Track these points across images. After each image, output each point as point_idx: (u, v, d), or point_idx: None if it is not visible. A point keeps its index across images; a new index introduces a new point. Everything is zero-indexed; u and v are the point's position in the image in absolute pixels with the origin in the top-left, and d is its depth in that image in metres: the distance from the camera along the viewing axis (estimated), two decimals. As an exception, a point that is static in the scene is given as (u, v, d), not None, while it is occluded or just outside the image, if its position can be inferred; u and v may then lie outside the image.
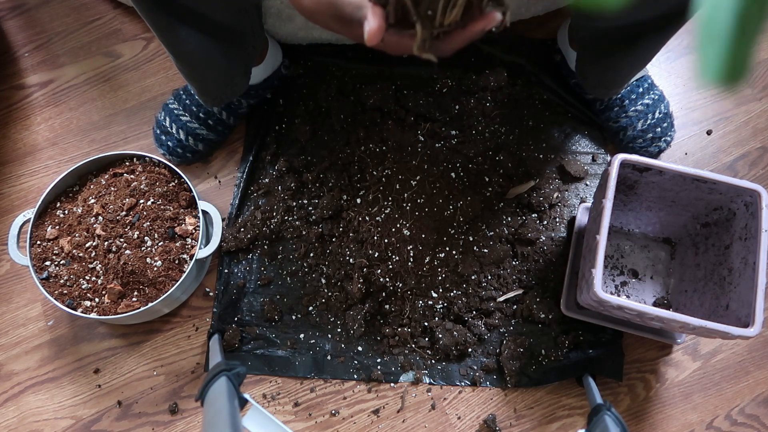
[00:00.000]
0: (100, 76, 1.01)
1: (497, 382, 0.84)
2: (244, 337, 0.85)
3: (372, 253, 0.84)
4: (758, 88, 1.01)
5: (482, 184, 0.91)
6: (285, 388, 0.84)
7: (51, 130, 0.98)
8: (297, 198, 0.91)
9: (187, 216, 0.84)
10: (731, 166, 0.96)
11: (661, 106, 0.92)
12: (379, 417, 0.83)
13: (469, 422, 0.83)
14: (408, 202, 0.86)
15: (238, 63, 0.83)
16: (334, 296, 0.86)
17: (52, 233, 0.82)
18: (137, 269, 0.79)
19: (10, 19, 1.05)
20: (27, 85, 1.00)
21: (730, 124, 0.98)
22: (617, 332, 0.84)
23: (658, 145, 0.92)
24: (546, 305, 0.85)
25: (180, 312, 0.87)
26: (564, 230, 0.91)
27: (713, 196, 0.76)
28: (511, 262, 0.88)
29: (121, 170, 0.86)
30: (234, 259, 0.89)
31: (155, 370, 0.85)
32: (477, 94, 0.96)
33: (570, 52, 0.92)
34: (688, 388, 0.85)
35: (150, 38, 1.03)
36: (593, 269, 0.67)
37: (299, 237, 0.89)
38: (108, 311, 0.79)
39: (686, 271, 0.83)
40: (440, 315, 0.85)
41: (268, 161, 0.94)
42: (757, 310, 0.65)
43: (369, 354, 0.85)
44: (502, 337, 0.85)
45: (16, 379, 0.85)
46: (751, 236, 0.70)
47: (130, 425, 0.82)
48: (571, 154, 0.95)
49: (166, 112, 0.92)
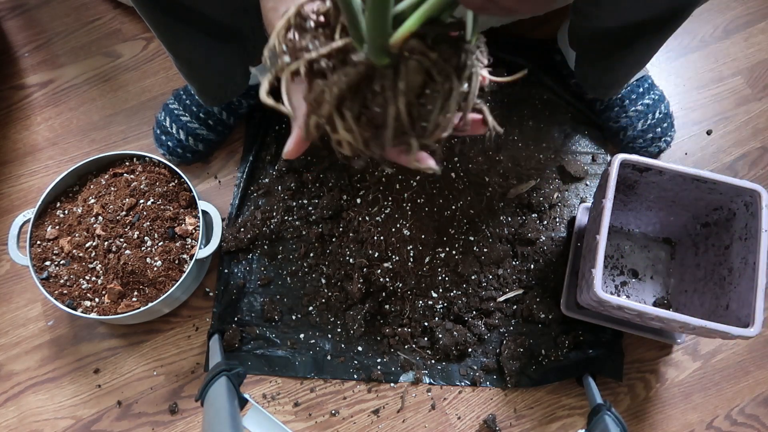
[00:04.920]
0: (100, 76, 1.01)
1: (497, 382, 0.84)
2: (244, 337, 0.85)
3: (372, 253, 0.84)
4: (758, 88, 1.01)
5: (482, 184, 0.91)
6: (285, 388, 0.84)
7: (51, 130, 0.98)
8: (297, 198, 0.91)
9: (187, 216, 0.84)
10: (731, 166, 0.96)
11: (661, 106, 0.92)
12: (379, 417, 0.83)
13: (469, 422, 0.83)
14: (408, 202, 0.86)
15: (238, 63, 0.83)
16: (334, 296, 0.86)
17: (52, 233, 0.82)
18: (137, 269, 0.79)
19: (10, 19, 1.05)
20: (27, 85, 1.00)
21: (730, 124, 0.98)
22: (617, 332, 0.84)
23: (658, 145, 0.92)
24: (546, 305, 0.85)
25: (180, 312, 0.87)
26: (564, 230, 0.91)
27: (713, 196, 0.76)
28: (511, 262, 0.88)
29: (121, 170, 0.86)
30: (234, 259, 0.89)
31: (155, 370, 0.85)
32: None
33: (570, 52, 0.92)
34: (688, 388, 0.85)
35: (150, 38, 1.03)
36: (593, 269, 0.67)
37: (299, 237, 0.89)
38: (108, 311, 0.79)
39: (686, 271, 0.83)
40: (440, 315, 0.85)
41: (268, 161, 0.94)
42: (757, 310, 0.65)
43: (369, 354, 0.85)
44: (502, 337, 0.85)
45: (16, 379, 0.85)
46: (751, 236, 0.70)
47: (130, 425, 0.82)
48: (571, 154, 0.95)
49: (166, 112, 0.92)
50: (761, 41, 1.04)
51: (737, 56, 1.03)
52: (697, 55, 1.03)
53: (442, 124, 0.39)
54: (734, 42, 1.04)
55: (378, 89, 0.37)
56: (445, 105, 0.38)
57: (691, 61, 1.02)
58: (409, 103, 0.37)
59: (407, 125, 0.38)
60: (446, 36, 0.39)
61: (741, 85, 1.01)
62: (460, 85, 0.38)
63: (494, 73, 0.46)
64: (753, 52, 1.03)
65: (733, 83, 1.01)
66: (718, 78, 1.01)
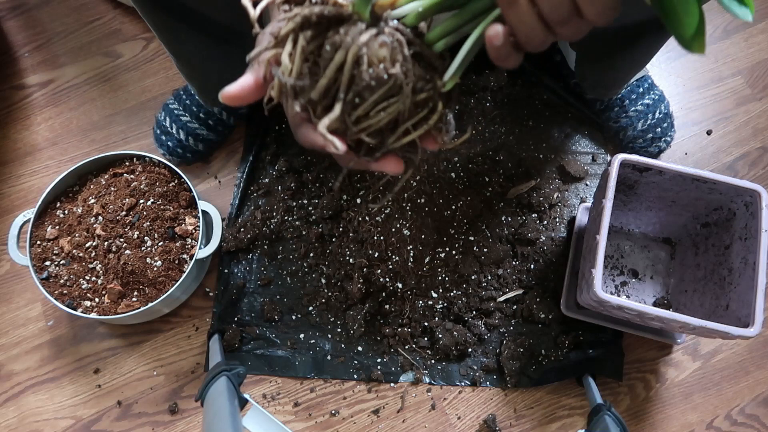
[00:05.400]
0: (100, 76, 1.01)
1: (497, 382, 0.84)
2: (244, 337, 0.85)
3: (372, 253, 0.84)
4: (758, 88, 1.01)
5: (482, 184, 0.91)
6: (285, 388, 0.84)
7: (51, 130, 0.98)
8: (297, 198, 0.91)
9: (187, 216, 0.84)
10: (731, 166, 0.96)
11: (661, 106, 0.92)
12: (379, 417, 0.83)
13: (469, 422, 0.83)
14: (408, 202, 0.86)
15: (238, 63, 0.83)
16: (334, 296, 0.86)
17: (52, 233, 0.82)
18: (137, 269, 0.79)
19: (10, 19, 1.05)
20: (27, 85, 1.00)
21: (730, 124, 0.98)
22: (617, 332, 0.84)
23: (658, 145, 0.92)
24: (546, 305, 0.85)
25: (180, 312, 0.87)
26: (564, 230, 0.91)
27: (713, 196, 0.76)
28: (511, 262, 0.88)
29: (121, 170, 0.86)
30: (234, 259, 0.89)
31: (155, 370, 0.85)
32: (477, 94, 0.96)
33: (570, 52, 0.93)
34: (688, 388, 0.85)
35: (150, 38, 1.03)
36: (593, 269, 0.67)
37: (299, 237, 0.89)
38: (108, 311, 0.79)
39: (686, 271, 0.83)
40: (440, 315, 0.85)
41: (268, 161, 0.94)
42: (757, 310, 0.65)
43: (369, 354, 0.85)
44: (502, 337, 0.85)
45: (16, 379, 0.85)
46: (751, 236, 0.70)
47: (130, 425, 0.82)
48: (571, 154, 0.95)
49: (166, 112, 0.92)
50: (761, 41, 1.04)
51: (737, 56, 1.03)
52: (697, 55, 1.03)
53: (372, 119, 0.37)
54: (734, 42, 1.04)
55: (341, 34, 0.35)
56: (385, 101, 0.36)
57: (691, 61, 1.02)
58: (357, 62, 0.35)
59: (343, 84, 0.36)
60: (432, 57, 0.38)
61: (741, 85, 1.01)
62: (410, 97, 0.37)
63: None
64: (753, 52, 1.03)
65: (733, 83, 1.01)
66: (718, 78, 1.01)
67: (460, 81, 0.39)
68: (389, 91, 0.36)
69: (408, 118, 0.38)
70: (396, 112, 0.37)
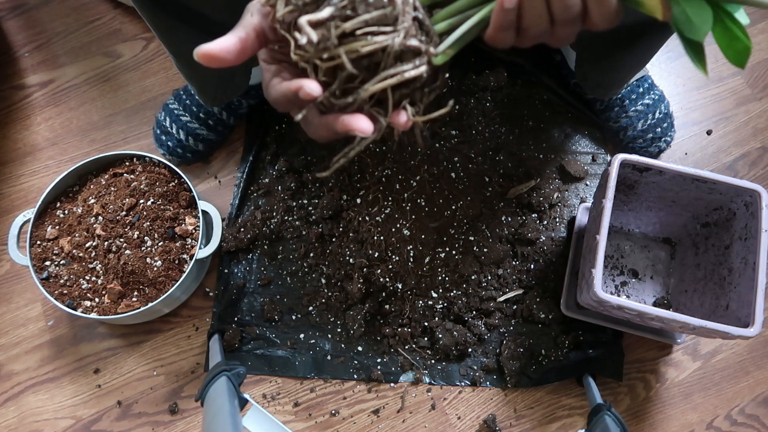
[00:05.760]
0: (100, 76, 1.01)
1: (497, 382, 0.84)
2: (244, 337, 0.85)
3: (372, 253, 0.84)
4: (758, 88, 1.01)
5: (482, 184, 0.91)
6: (285, 388, 0.84)
7: (51, 130, 0.98)
8: (297, 198, 0.91)
9: (187, 216, 0.84)
10: (731, 166, 0.96)
11: (661, 106, 0.92)
12: (379, 417, 0.83)
13: (469, 422, 0.83)
14: (408, 202, 0.86)
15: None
16: (334, 296, 0.86)
17: (52, 233, 0.82)
18: (137, 269, 0.79)
19: (10, 19, 1.05)
20: (27, 85, 1.00)
21: (730, 124, 0.98)
22: (617, 332, 0.84)
23: (658, 145, 0.92)
24: (546, 305, 0.85)
25: (180, 312, 0.87)
26: (564, 230, 0.91)
27: (713, 196, 0.76)
28: (511, 262, 0.88)
29: (121, 170, 0.86)
30: (234, 259, 0.89)
31: (155, 370, 0.85)
32: (477, 94, 0.96)
33: (570, 52, 0.92)
34: (688, 388, 0.85)
35: (150, 38, 1.03)
36: (593, 269, 0.67)
37: (299, 237, 0.89)
38: (108, 311, 0.79)
39: (686, 271, 0.83)
40: (440, 315, 0.85)
41: (268, 161, 0.94)
42: (757, 310, 0.65)
43: (369, 354, 0.85)
44: (502, 337, 0.85)
45: (16, 379, 0.85)
46: (751, 236, 0.70)
47: (130, 425, 0.82)
48: (571, 154, 0.95)
49: (166, 112, 0.92)
50: (761, 41, 1.04)
51: (737, 56, 1.03)
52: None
53: (358, 43, 0.35)
54: (734, 42, 1.04)
55: None
56: (376, 27, 0.34)
57: (691, 61, 1.02)
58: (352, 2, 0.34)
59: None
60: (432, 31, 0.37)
61: (741, 85, 1.01)
62: (401, 40, 0.35)
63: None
64: (753, 52, 1.03)
65: (733, 83, 1.01)
66: (718, 78, 1.01)
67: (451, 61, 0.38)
68: (384, 18, 0.34)
69: (390, 66, 0.36)
70: (382, 48, 0.35)
